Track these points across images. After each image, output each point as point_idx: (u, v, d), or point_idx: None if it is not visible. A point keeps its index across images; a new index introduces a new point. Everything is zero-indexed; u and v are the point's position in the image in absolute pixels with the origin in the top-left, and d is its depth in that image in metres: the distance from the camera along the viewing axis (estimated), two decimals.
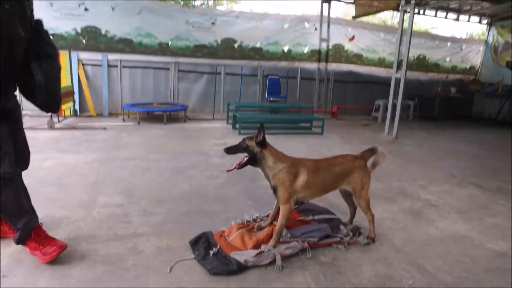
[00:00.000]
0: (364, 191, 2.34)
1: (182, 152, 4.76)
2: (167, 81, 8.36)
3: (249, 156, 2.13)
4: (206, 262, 2.01)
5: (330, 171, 2.30)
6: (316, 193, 2.31)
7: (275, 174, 2.14)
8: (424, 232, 2.67)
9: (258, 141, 2.12)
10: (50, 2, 7.43)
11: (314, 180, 2.21)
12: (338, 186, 2.36)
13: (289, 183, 2.13)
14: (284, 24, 9.15)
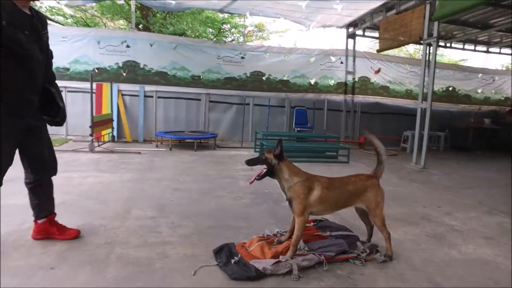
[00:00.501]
0: (379, 209, 2.42)
1: (210, 176, 5.00)
2: (199, 111, 8.84)
3: (267, 168, 2.31)
4: (227, 269, 2.15)
5: (343, 189, 2.41)
6: (330, 209, 2.42)
7: (291, 187, 2.29)
8: (445, 254, 2.66)
9: (275, 154, 2.31)
10: (98, 41, 8.27)
11: (328, 196, 2.33)
12: (351, 204, 2.45)
13: (303, 196, 2.26)
14: (310, 58, 9.54)
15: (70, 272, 2.08)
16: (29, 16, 2.15)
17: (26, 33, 2.09)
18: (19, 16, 2.07)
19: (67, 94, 8.17)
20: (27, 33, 2.10)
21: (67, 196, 3.62)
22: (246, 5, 8.00)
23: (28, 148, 2.32)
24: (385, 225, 2.45)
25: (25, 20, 2.11)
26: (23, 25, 2.08)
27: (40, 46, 2.20)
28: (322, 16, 8.58)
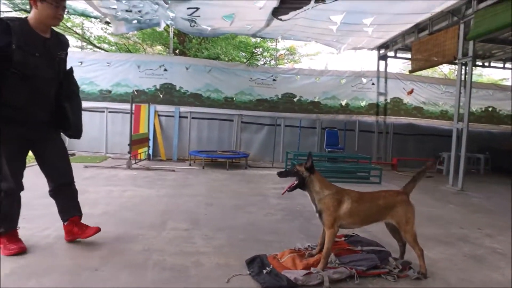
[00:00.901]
0: (409, 225, 2.39)
1: (242, 193, 5.10)
2: (231, 131, 9.08)
3: (298, 180, 2.38)
4: (259, 278, 2.20)
5: (373, 203, 2.42)
6: (359, 222, 2.43)
7: (321, 199, 2.34)
8: (485, 276, 2.56)
9: (306, 167, 2.38)
10: (138, 65, 8.85)
11: (358, 209, 2.35)
12: (381, 219, 2.44)
13: (333, 209, 2.30)
14: (341, 79, 9.61)
15: (112, 274, 2.22)
16: (43, 38, 2.39)
17: (37, 55, 2.34)
18: (32, 39, 2.32)
19: (108, 115, 8.73)
20: (37, 55, 2.35)
21: (108, 207, 3.85)
22: (278, 30, 8.27)
23: (41, 159, 2.60)
24: (417, 241, 2.41)
25: (37, 42, 2.35)
26: (35, 47, 2.33)
27: (50, 67, 2.45)
28: (353, 38, 8.69)
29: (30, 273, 2.17)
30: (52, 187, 2.68)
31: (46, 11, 2.32)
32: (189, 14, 6.97)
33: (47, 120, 2.54)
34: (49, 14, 2.34)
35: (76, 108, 2.66)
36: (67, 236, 2.74)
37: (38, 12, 2.32)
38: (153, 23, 8.30)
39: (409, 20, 7.59)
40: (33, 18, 2.34)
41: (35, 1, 2.30)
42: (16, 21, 2.30)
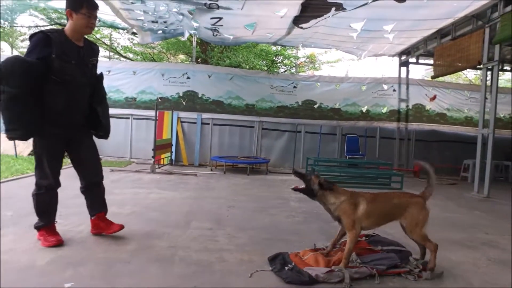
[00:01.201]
0: (419, 227, 2.41)
1: (263, 196, 5.19)
2: (252, 138, 9.22)
3: (306, 188, 2.42)
4: (281, 274, 2.28)
5: (388, 202, 2.49)
6: (377, 222, 2.47)
7: (338, 206, 2.39)
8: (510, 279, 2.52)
9: (320, 182, 2.40)
10: (162, 73, 9.17)
11: (374, 209, 2.41)
12: (397, 217, 2.47)
13: (351, 212, 2.36)
14: (362, 86, 9.61)
15: (142, 267, 2.35)
16: (78, 47, 2.61)
17: (73, 62, 2.56)
18: (68, 48, 2.54)
19: (133, 121, 9.05)
20: (73, 62, 2.56)
21: (135, 207, 4.03)
22: (298, 38, 8.40)
23: (75, 158, 2.81)
24: (428, 239, 2.42)
25: (73, 51, 2.57)
26: (71, 55, 2.55)
27: (84, 73, 2.67)
28: (374, 45, 8.69)
29: (68, 263, 2.33)
30: (83, 184, 2.89)
31: (80, 21, 2.55)
32: (212, 23, 7.21)
33: (82, 122, 2.76)
34: (82, 24, 2.57)
35: (105, 111, 2.90)
36: (93, 230, 2.94)
37: (73, 23, 2.56)
38: (177, 32, 8.62)
39: (431, 26, 7.54)
40: (69, 29, 2.58)
41: (70, 13, 2.54)
42: (55, 32, 2.54)
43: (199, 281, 2.19)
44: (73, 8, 2.53)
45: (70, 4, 2.55)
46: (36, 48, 2.43)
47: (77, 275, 2.17)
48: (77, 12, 2.53)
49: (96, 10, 2.65)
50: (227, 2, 6.02)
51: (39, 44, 2.44)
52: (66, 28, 2.59)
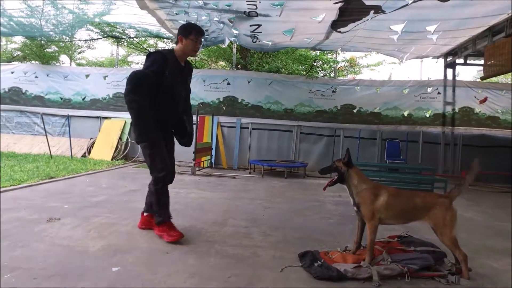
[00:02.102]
0: (448, 229, 2.34)
1: (299, 199, 5.25)
2: (290, 142, 9.28)
3: (338, 175, 2.53)
4: (310, 269, 2.35)
5: (410, 200, 2.48)
6: (396, 217, 2.48)
7: (359, 192, 2.46)
8: None
9: (344, 162, 2.52)
10: (203, 79, 9.56)
11: (394, 203, 2.42)
12: (420, 218, 2.45)
13: (370, 201, 2.40)
14: (404, 89, 9.31)
15: (181, 257, 2.55)
16: (181, 66, 3.02)
17: (178, 79, 2.96)
18: (176, 67, 2.95)
19: None
20: (179, 79, 2.97)
21: (176, 205, 4.26)
22: (337, 42, 8.36)
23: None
24: (457, 246, 2.34)
25: (179, 69, 2.98)
26: (177, 73, 2.96)
27: (184, 88, 3.11)
28: (416, 47, 8.40)
29: (115, 250, 2.58)
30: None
31: (188, 46, 2.96)
32: (252, 31, 7.43)
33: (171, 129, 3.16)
34: (190, 48, 2.98)
35: (190, 121, 3.29)
36: (141, 225, 3.17)
37: (183, 47, 2.97)
38: (218, 40, 8.96)
39: (481, 24, 7.15)
40: (179, 51, 2.98)
41: (181, 39, 2.95)
42: (168, 53, 2.93)
43: (232, 272, 2.33)
44: (183, 35, 2.93)
45: (182, 31, 2.96)
46: (154, 64, 2.81)
47: (123, 261, 2.40)
48: (187, 38, 2.93)
49: (202, 36, 3.03)
50: (266, 10, 6.20)
51: (157, 61, 2.82)
52: (176, 49, 2.98)
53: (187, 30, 2.95)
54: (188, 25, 3.17)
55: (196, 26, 3.11)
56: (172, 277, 2.20)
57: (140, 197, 4.59)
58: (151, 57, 2.86)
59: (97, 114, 9.89)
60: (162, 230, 2.89)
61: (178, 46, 2.97)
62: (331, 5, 5.75)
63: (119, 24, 9.96)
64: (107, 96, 9.95)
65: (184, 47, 2.95)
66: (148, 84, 2.76)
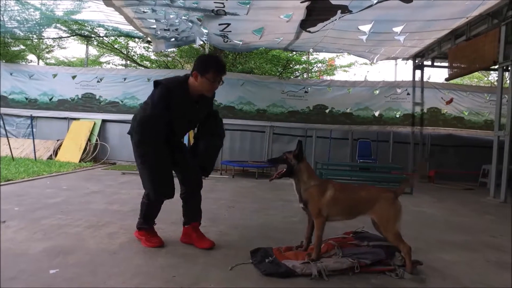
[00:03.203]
0: (390, 224, 2.34)
1: (266, 198, 5.20)
2: (262, 143, 9.26)
3: (287, 167, 2.48)
4: (260, 266, 2.29)
5: (356, 194, 2.48)
6: (342, 212, 2.47)
7: (307, 189, 2.43)
8: (505, 280, 2.41)
9: (295, 154, 2.47)
10: None
11: (340, 198, 2.41)
12: (365, 211, 2.44)
13: (317, 198, 2.39)
14: (374, 90, 9.47)
15: (128, 257, 2.45)
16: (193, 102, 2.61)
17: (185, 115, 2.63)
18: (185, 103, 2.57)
19: None
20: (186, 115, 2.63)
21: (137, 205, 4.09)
22: (308, 43, 8.41)
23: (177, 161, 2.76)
24: (401, 239, 2.33)
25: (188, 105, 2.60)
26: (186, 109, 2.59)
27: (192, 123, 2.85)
28: (386, 48, 8.57)
29: (59, 252, 2.44)
30: (183, 190, 2.87)
31: (204, 85, 2.53)
32: (221, 30, 7.35)
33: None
34: (205, 88, 2.55)
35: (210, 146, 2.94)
36: (184, 238, 2.85)
37: (197, 84, 2.53)
38: (189, 40, 8.84)
39: (444, 26, 7.36)
40: (192, 86, 2.56)
41: (196, 75, 2.51)
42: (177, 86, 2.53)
43: (178, 271, 2.23)
44: (199, 71, 2.50)
45: (198, 67, 2.53)
46: (161, 101, 2.44)
47: (64, 263, 2.27)
48: (203, 75, 2.50)
49: (223, 75, 2.61)
50: (234, 8, 6.15)
51: (164, 96, 2.45)
52: (190, 82, 2.56)
53: (204, 66, 2.50)
54: (206, 59, 2.65)
55: (217, 62, 2.58)
56: (113, 278, 2.09)
57: (100, 199, 4.44)
58: (157, 91, 2.47)
59: (65, 115, 9.56)
60: (141, 234, 2.76)
61: (191, 81, 2.54)
62: (298, 4, 5.76)
63: (87, 22, 9.68)
64: (75, 97, 9.64)
65: (199, 85, 2.53)
66: (162, 127, 2.44)
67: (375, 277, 2.26)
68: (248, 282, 2.14)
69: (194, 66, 2.57)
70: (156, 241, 2.71)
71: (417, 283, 2.23)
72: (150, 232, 2.79)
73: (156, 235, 2.79)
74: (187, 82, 2.56)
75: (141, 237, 2.76)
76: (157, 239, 2.75)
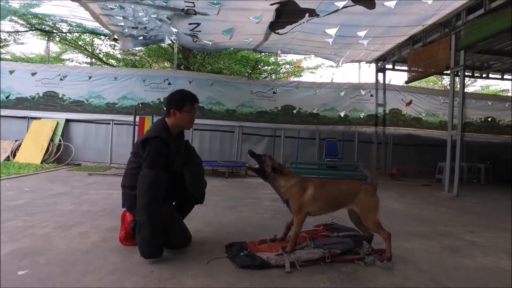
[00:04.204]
0: (372, 214, 2.49)
1: (236, 196, 5.27)
2: (232, 142, 9.32)
3: (259, 169, 2.55)
4: (236, 259, 2.36)
5: (336, 188, 2.60)
6: (324, 207, 2.58)
7: (287, 189, 2.51)
8: (457, 262, 2.66)
9: (273, 166, 2.53)
10: (143, 79, 9.24)
11: (321, 194, 2.52)
12: (345, 204, 2.56)
13: (298, 196, 2.48)
14: (340, 92, 9.84)
15: (102, 255, 2.42)
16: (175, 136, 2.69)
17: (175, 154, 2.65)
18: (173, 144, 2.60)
19: (114, 127, 9.06)
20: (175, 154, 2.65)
21: (107, 205, 4.08)
22: (276, 44, 8.59)
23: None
24: (381, 227, 2.50)
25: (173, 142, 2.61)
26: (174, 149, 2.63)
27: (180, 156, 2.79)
28: (350, 51, 8.95)
29: (26, 253, 2.37)
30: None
31: (184, 119, 2.64)
32: (191, 29, 7.34)
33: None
34: (185, 120, 2.67)
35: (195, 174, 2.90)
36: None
37: (176, 121, 2.63)
38: (158, 39, 8.73)
39: (403, 32, 7.83)
40: (172, 125, 2.63)
41: (175, 113, 2.61)
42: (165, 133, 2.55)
43: (155, 267, 2.26)
44: (177, 108, 2.61)
45: (174, 105, 2.63)
46: (160, 156, 2.46)
47: (33, 264, 2.21)
48: (181, 111, 2.61)
49: (197, 103, 2.75)
50: (204, 8, 6.17)
51: (161, 151, 2.48)
52: (168, 123, 2.64)
53: (180, 102, 2.63)
54: (178, 96, 2.70)
55: (189, 95, 2.71)
56: (88, 276, 2.07)
57: (68, 200, 4.31)
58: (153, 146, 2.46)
59: (25, 114, 9.09)
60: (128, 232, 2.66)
61: (171, 120, 2.63)
62: (268, 6, 5.90)
63: (48, 17, 9.26)
64: (36, 95, 9.19)
65: (179, 121, 2.64)
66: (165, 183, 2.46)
67: (345, 266, 2.41)
68: (225, 274, 2.20)
69: (169, 106, 2.66)
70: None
71: (383, 269, 2.40)
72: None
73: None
74: (167, 125, 2.63)
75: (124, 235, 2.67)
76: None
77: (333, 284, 2.12)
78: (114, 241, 2.73)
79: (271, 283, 2.09)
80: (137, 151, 2.58)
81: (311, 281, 2.16)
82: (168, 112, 2.65)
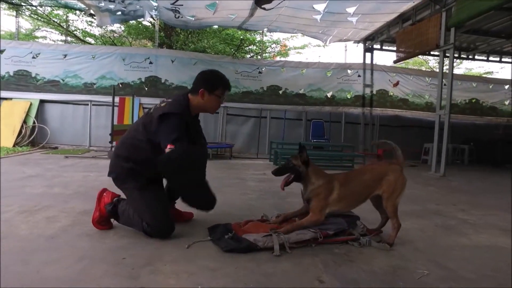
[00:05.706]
0: (395, 195, 2.31)
1: (221, 177, 5.06)
2: (217, 123, 9.04)
3: (295, 175, 2.31)
4: (220, 242, 2.16)
5: (361, 180, 2.38)
6: (350, 204, 2.39)
7: (314, 189, 2.29)
8: (452, 241, 2.54)
9: (302, 160, 2.31)
10: (123, 58, 8.77)
11: (346, 192, 2.32)
12: (371, 193, 2.37)
13: (323, 196, 2.26)
14: (327, 72, 9.62)
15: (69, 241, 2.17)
16: (194, 116, 2.57)
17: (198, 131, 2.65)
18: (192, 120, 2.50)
19: (92, 108, 8.63)
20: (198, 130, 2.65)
21: (80, 188, 3.80)
22: (263, 21, 8.25)
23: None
24: (397, 214, 2.34)
25: (194, 121, 2.55)
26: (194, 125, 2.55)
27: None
28: (339, 30, 8.70)
29: None
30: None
31: (211, 102, 2.46)
32: (172, 3, 6.92)
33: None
34: (213, 105, 2.50)
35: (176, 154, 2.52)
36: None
37: (204, 102, 2.44)
38: (137, 14, 8.23)
39: (393, 9, 7.61)
40: (196, 105, 2.44)
41: (203, 93, 2.40)
42: (185, 110, 2.37)
43: (129, 253, 2.03)
44: (207, 89, 2.41)
45: (205, 85, 2.42)
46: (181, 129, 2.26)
47: None
48: (211, 93, 2.42)
49: (228, 91, 2.58)
50: None
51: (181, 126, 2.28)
52: (192, 101, 2.43)
53: (213, 84, 2.43)
54: (212, 76, 2.50)
55: (224, 78, 2.53)
56: (50, 265, 1.82)
57: (38, 182, 4.00)
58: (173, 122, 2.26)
59: None
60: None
61: (196, 99, 2.42)
62: None
63: None
64: (6, 74, 8.61)
65: (206, 103, 2.45)
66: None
67: (337, 247, 2.24)
68: (207, 259, 2.00)
69: (199, 84, 2.44)
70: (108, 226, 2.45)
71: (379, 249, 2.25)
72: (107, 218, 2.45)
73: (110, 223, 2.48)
74: (189, 103, 2.44)
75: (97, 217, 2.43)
76: (110, 224, 2.47)
77: (326, 267, 1.94)
78: (85, 225, 2.48)
79: (259, 268, 1.89)
80: (148, 123, 2.35)
81: (302, 264, 1.98)
82: (195, 90, 2.42)
